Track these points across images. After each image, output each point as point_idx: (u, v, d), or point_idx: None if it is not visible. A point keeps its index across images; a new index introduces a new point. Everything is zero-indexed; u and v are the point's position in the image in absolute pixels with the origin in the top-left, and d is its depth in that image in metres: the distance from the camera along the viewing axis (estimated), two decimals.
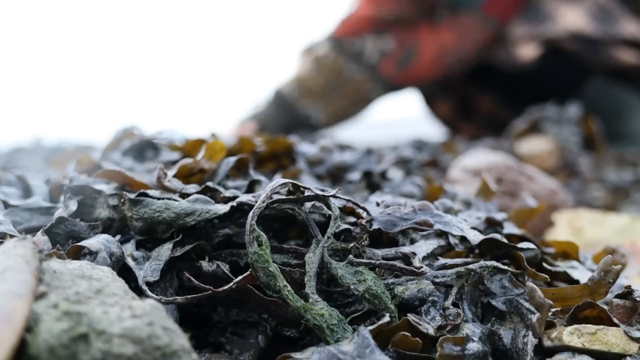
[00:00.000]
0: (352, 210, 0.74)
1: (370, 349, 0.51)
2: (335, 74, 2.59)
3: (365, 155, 1.10)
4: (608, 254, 0.81)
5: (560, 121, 2.18)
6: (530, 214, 1.02)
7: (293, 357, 0.53)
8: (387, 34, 2.58)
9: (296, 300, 0.58)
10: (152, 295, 0.61)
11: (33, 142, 2.35)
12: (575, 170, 2.09)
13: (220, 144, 0.86)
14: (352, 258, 0.63)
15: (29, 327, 0.42)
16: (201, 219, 0.68)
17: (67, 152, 1.42)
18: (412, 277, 0.63)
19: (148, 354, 0.43)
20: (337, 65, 2.58)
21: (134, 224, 0.69)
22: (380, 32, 2.58)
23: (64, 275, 0.49)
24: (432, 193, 1.00)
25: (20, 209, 0.79)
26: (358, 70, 2.58)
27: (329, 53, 2.58)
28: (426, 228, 0.69)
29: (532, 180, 1.36)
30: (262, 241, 0.60)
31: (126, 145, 1.01)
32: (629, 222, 1.25)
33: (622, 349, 0.58)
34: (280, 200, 0.68)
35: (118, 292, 0.49)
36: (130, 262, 0.64)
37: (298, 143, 1.11)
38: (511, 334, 0.61)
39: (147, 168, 0.94)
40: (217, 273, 0.64)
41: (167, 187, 0.74)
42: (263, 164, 1.08)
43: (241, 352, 0.62)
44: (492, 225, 0.82)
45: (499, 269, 0.67)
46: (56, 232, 0.69)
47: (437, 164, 1.66)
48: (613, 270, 0.63)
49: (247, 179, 0.84)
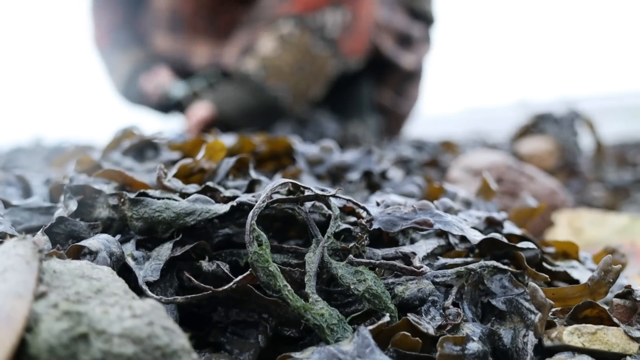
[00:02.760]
0: (352, 210, 0.74)
1: (370, 348, 0.51)
2: (303, 52, 2.48)
3: (365, 155, 1.09)
4: (608, 253, 0.81)
5: (560, 121, 2.18)
6: (531, 214, 1.02)
7: (293, 357, 0.53)
8: (343, 4, 2.48)
9: (296, 300, 0.58)
10: (152, 295, 0.61)
11: (33, 142, 2.36)
12: (575, 170, 2.09)
13: (220, 144, 0.86)
14: (352, 258, 0.63)
15: (29, 327, 0.42)
16: (201, 218, 0.68)
17: (67, 152, 1.42)
18: (412, 276, 0.63)
19: (148, 353, 0.43)
20: (303, 43, 2.47)
21: (134, 224, 0.69)
22: (337, 2, 2.48)
23: (64, 275, 0.49)
24: (432, 193, 0.99)
25: (20, 209, 0.79)
26: (322, 46, 2.49)
27: (293, 31, 2.46)
28: (426, 228, 0.69)
29: (532, 180, 1.36)
30: (262, 241, 0.60)
31: (126, 145, 1.01)
32: (629, 222, 1.25)
33: (622, 348, 0.58)
34: (280, 200, 0.67)
35: (118, 291, 0.49)
36: (130, 262, 0.64)
37: (298, 143, 1.11)
38: (511, 334, 0.60)
39: (147, 168, 0.94)
40: (217, 273, 0.64)
41: (167, 187, 0.74)
42: (263, 163, 1.08)
43: (241, 352, 0.62)
44: (492, 225, 0.82)
45: (499, 268, 0.67)
46: (56, 231, 0.69)
47: (437, 163, 1.66)
48: (613, 270, 0.63)
49: (247, 178, 0.84)
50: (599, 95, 7.39)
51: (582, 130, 2.24)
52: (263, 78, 2.47)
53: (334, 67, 2.55)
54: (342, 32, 2.49)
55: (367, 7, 2.55)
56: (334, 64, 2.54)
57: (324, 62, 2.51)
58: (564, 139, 2.13)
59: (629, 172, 2.36)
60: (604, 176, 2.22)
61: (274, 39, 2.48)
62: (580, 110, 2.27)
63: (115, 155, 0.99)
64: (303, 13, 2.48)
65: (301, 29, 2.47)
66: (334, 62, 2.54)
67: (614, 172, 2.38)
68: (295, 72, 2.49)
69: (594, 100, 4.98)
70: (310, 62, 2.49)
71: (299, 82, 2.51)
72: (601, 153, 2.26)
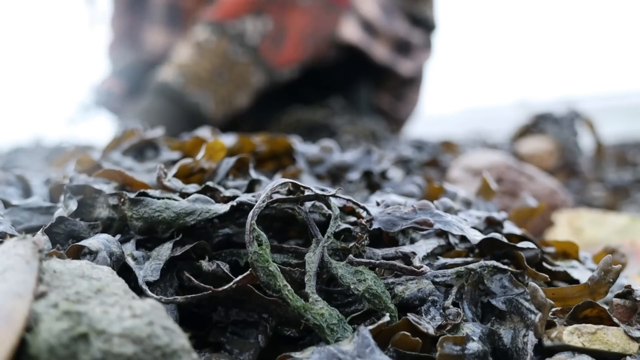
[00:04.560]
0: (352, 209, 0.74)
1: (370, 348, 0.51)
2: (221, 58, 2.46)
3: (365, 155, 1.09)
4: (608, 253, 0.81)
5: (560, 121, 2.18)
6: (531, 214, 1.02)
7: (293, 356, 0.53)
8: (266, 13, 2.46)
9: (296, 299, 0.58)
10: (152, 294, 0.61)
11: (33, 142, 2.36)
12: (575, 170, 2.09)
13: (220, 144, 0.86)
14: (352, 258, 0.63)
15: (29, 326, 0.42)
16: (201, 218, 0.68)
17: (67, 152, 1.42)
18: (412, 276, 0.63)
19: (148, 353, 0.43)
20: (221, 49, 2.45)
21: (134, 224, 0.69)
22: (258, 12, 2.46)
23: (64, 275, 0.49)
24: (432, 193, 0.99)
25: (20, 209, 0.79)
26: (242, 53, 2.46)
27: (210, 37, 2.45)
28: (426, 227, 0.69)
29: (532, 180, 1.36)
30: (262, 241, 0.60)
31: (126, 145, 1.01)
32: (629, 222, 1.25)
33: (622, 348, 0.58)
34: (280, 200, 0.67)
35: (118, 291, 0.49)
36: (130, 262, 0.64)
37: (298, 143, 1.11)
38: (511, 334, 0.60)
39: (147, 168, 0.94)
40: (217, 273, 0.64)
41: (167, 187, 0.74)
42: (263, 163, 1.08)
43: (241, 352, 0.62)
44: (492, 225, 0.82)
45: (499, 268, 0.67)
46: (56, 231, 0.69)
47: (437, 163, 1.66)
48: (613, 269, 0.63)
49: (247, 178, 0.84)
50: (599, 95, 7.39)
51: (582, 130, 2.24)
52: (182, 85, 2.46)
53: (260, 77, 2.53)
54: (265, 40, 2.47)
55: (300, 19, 2.51)
56: (258, 73, 2.52)
57: (244, 69, 2.49)
58: (564, 139, 2.13)
59: (629, 172, 2.36)
60: (604, 176, 2.21)
61: (191, 46, 2.48)
62: (580, 110, 2.27)
63: (115, 155, 0.99)
64: (222, 20, 2.46)
65: (219, 35, 2.45)
66: (257, 71, 2.51)
67: (614, 172, 2.38)
68: (214, 78, 2.47)
69: (594, 100, 4.98)
70: (230, 69, 2.48)
71: (218, 88, 2.49)
72: (601, 153, 2.26)
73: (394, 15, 2.83)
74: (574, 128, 2.19)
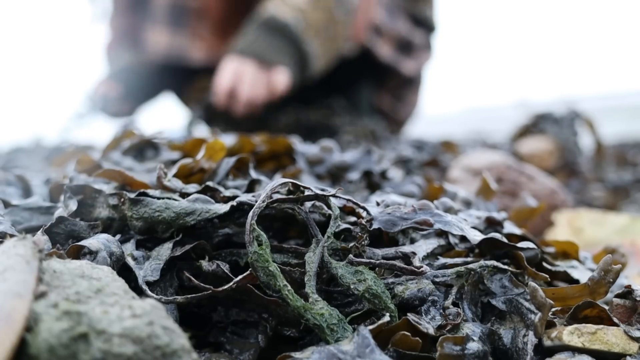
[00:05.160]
0: (352, 209, 0.74)
1: (370, 348, 0.51)
2: (327, 13, 2.33)
3: (365, 155, 1.09)
4: (608, 253, 0.81)
5: (560, 121, 2.18)
6: (530, 214, 1.02)
7: (293, 356, 0.53)
8: None
9: (296, 299, 0.58)
10: (152, 294, 0.61)
11: (33, 142, 2.36)
12: (575, 170, 2.09)
13: (220, 144, 0.86)
14: (352, 258, 0.63)
15: (29, 326, 0.42)
16: (201, 218, 0.68)
17: (67, 152, 1.42)
18: (412, 276, 0.63)
19: (148, 353, 0.43)
20: (329, 4, 2.34)
21: (134, 224, 0.69)
22: None
23: (64, 274, 0.49)
24: (432, 193, 0.99)
25: (20, 209, 0.79)
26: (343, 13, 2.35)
27: None
28: (426, 227, 0.69)
29: (532, 180, 1.36)
30: (262, 241, 0.60)
31: (126, 144, 1.01)
32: (629, 221, 1.25)
33: (622, 348, 0.58)
34: (280, 200, 0.67)
35: (118, 291, 0.49)
36: (130, 262, 0.64)
37: (298, 143, 1.11)
38: (511, 334, 0.60)
39: (147, 168, 0.94)
40: (217, 273, 0.64)
41: (167, 187, 0.74)
42: (263, 163, 1.08)
43: (241, 352, 0.62)
44: (492, 225, 0.82)
45: (499, 268, 0.67)
46: (56, 231, 0.69)
47: (437, 163, 1.66)
48: (613, 269, 0.63)
49: (247, 178, 0.84)
50: (599, 95, 7.39)
51: (582, 130, 2.24)
52: (302, 29, 2.22)
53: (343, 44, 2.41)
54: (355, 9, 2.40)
55: (367, 5, 2.51)
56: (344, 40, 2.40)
57: (340, 31, 2.38)
58: (564, 139, 2.13)
59: (629, 172, 2.36)
60: (604, 176, 2.21)
61: None
62: (580, 110, 2.26)
63: (115, 155, 0.99)
64: None
65: None
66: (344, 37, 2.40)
67: (614, 172, 2.38)
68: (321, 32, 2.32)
69: (594, 100, 4.98)
70: (332, 26, 2.35)
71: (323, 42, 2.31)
72: (601, 153, 2.26)
73: (397, 14, 2.83)
74: (574, 128, 2.19)
